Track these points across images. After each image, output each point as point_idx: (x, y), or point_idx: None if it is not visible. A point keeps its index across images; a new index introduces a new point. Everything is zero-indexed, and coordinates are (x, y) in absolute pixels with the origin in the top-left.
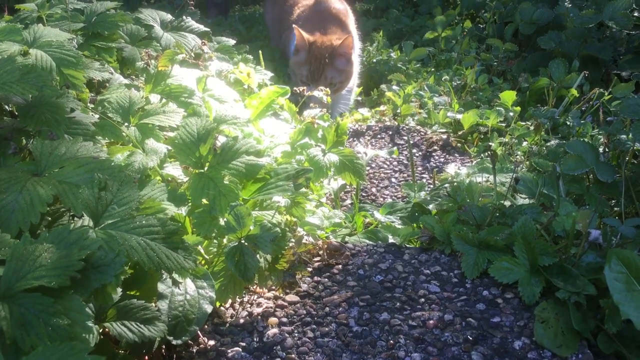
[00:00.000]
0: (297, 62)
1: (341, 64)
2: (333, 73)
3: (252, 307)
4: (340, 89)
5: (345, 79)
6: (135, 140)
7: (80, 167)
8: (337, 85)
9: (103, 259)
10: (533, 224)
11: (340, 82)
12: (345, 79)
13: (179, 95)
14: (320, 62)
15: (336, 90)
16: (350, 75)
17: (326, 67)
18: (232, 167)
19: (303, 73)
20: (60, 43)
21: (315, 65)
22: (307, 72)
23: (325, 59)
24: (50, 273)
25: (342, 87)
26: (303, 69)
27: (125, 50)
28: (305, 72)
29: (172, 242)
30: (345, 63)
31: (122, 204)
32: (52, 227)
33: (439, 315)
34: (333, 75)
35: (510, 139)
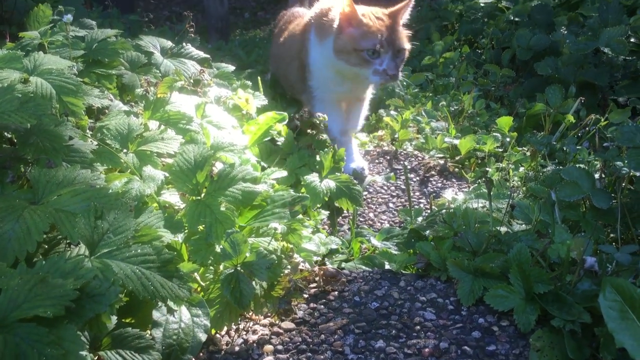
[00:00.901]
0: (353, 36)
1: (404, 31)
2: (403, 39)
3: (248, 334)
4: (404, 61)
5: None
6: (133, 167)
7: (77, 195)
8: (404, 55)
9: (98, 288)
10: (528, 251)
11: (407, 50)
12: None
13: (178, 121)
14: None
15: (402, 62)
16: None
17: (397, 32)
18: (229, 194)
19: (374, 42)
20: (61, 71)
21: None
22: (378, 39)
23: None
24: (46, 303)
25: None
26: (368, 40)
27: (125, 77)
28: (376, 42)
29: (167, 271)
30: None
31: (118, 232)
32: (49, 255)
33: (434, 344)
34: (403, 40)
35: (507, 165)
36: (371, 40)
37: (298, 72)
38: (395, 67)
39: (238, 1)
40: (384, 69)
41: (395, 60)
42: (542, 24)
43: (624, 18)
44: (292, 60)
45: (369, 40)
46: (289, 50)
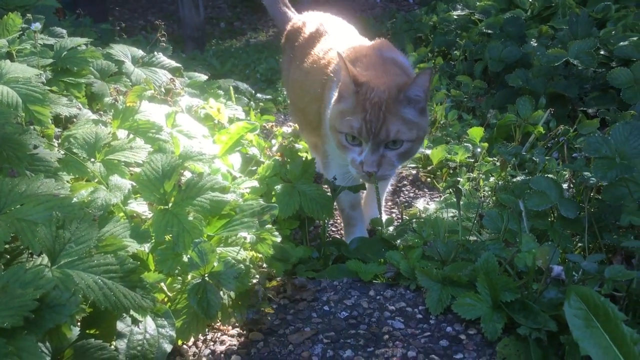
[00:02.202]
0: (341, 111)
1: (412, 113)
2: (400, 126)
3: (215, 345)
4: (407, 155)
5: (417, 138)
6: (100, 177)
7: (39, 205)
8: (403, 147)
9: (58, 298)
10: (495, 260)
11: (410, 141)
12: (417, 138)
13: (147, 131)
14: (379, 109)
15: (402, 156)
16: (423, 133)
17: (388, 116)
18: (197, 204)
19: (352, 125)
20: (27, 79)
21: (373, 112)
22: (358, 122)
23: (388, 104)
24: (3, 313)
25: (411, 154)
26: (352, 120)
27: (95, 86)
28: (355, 124)
29: (130, 281)
30: (417, 114)
31: (80, 242)
32: (11, 265)
33: (402, 352)
34: (400, 129)
35: (477, 175)
36: (349, 121)
37: (315, 119)
38: (374, 163)
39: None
40: (361, 161)
41: (380, 153)
42: (514, 37)
43: (594, 31)
44: (312, 100)
45: (346, 121)
46: (311, 85)
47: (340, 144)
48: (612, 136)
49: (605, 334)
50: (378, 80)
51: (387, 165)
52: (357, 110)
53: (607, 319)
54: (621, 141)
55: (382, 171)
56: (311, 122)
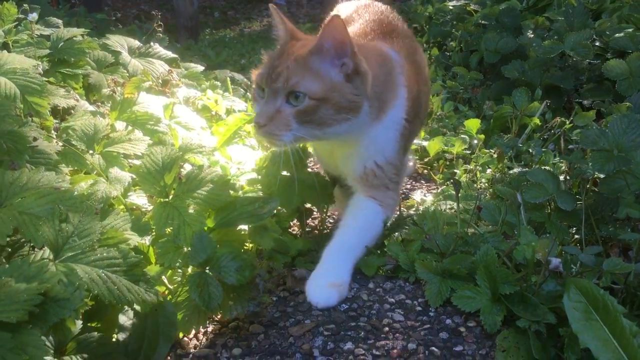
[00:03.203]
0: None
1: (324, 67)
2: (303, 76)
3: (216, 337)
4: (310, 119)
5: (326, 99)
6: (100, 169)
7: (41, 198)
8: (304, 104)
9: (63, 292)
10: (495, 253)
11: (315, 100)
12: (328, 100)
13: (145, 122)
14: (292, 59)
15: (302, 116)
16: (345, 101)
17: (294, 65)
18: (197, 196)
19: (260, 73)
20: (25, 70)
21: (283, 61)
22: (265, 69)
23: (301, 55)
24: (9, 308)
25: (318, 121)
26: (262, 68)
27: (92, 77)
28: (263, 71)
29: (134, 275)
30: (331, 68)
31: (83, 235)
32: (12, 258)
33: (402, 345)
34: (302, 79)
35: (474, 167)
36: (260, 70)
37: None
38: (265, 114)
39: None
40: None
41: (277, 106)
42: (509, 28)
43: (589, 22)
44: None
45: (259, 72)
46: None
47: (252, 98)
48: (609, 129)
49: (604, 326)
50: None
51: (280, 123)
52: (271, 59)
53: (607, 311)
54: (619, 134)
55: (272, 128)
56: None
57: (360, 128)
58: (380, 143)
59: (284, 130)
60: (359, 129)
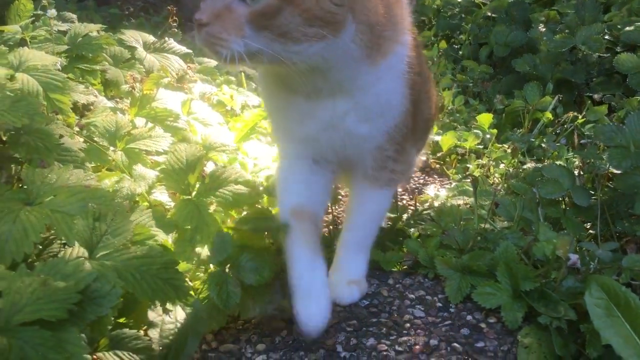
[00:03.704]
0: None
1: None
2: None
3: (239, 333)
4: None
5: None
6: (122, 166)
7: (72, 196)
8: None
9: (99, 290)
10: (514, 249)
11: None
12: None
13: (165, 118)
14: None
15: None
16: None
17: None
18: (220, 195)
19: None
20: (46, 67)
21: None
22: None
23: None
24: (48, 306)
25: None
26: None
27: (109, 72)
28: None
29: (167, 272)
30: None
31: (116, 234)
32: (42, 255)
33: (424, 341)
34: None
35: (487, 162)
36: None
37: None
38: (208, 10)
39: None
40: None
41: (225, 2)
42: (519, 21)
43: (600, 16)
44: None
45: None
46: None
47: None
48: (626, 125)
49: (626, 323)
50: None
51: (228, 25)
52: None
53: (628, 308)
54: (636, 130)
55: (217, 29)
56: None
57: (346, 64)
58: (382, 96)
59: (233, 35)
60: (343, 64)
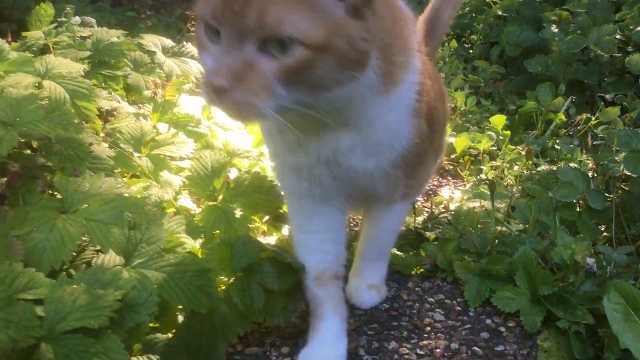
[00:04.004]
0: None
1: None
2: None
3: (263, 336)
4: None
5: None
6: (149, 172)
7: (106, 204)
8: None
9: (137, 298)
10: (533, 254)
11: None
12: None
13: (186, 124)
14: None
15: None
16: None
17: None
18: (245, 202)
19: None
20: (73, 75)
21: None
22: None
23: None
24: (90, 314)
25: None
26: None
27: (130, 77)
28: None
29: (199, 280)
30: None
31: (151, 242)
32: (75, 262)
33: (445, 344)
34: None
35: (501, 163)
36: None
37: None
38: (226, 70)
39: None
40: (208, 68)
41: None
42: (530, 20)
43: (612, 16)
44: None
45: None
46: None
47: (198, 43)
48: None
49: None
50: None
51: (254, 85)
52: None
53: None
54: None
55: (245, 94)
56: None
57: (363, 97)
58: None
59: (264, 98)
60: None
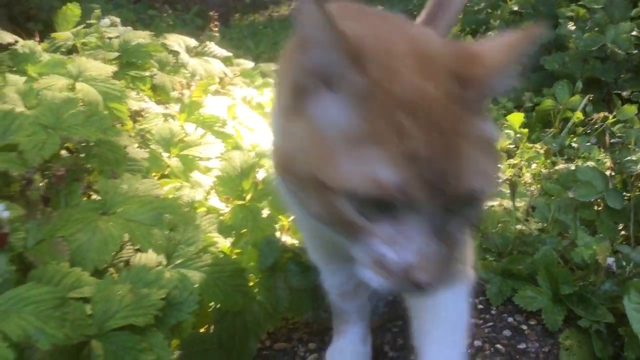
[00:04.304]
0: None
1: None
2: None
3: (291, 332)
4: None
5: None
6: (179, 172)
7: (144, 206)
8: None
9: (178, 297)
10: (554, 254)
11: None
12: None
13: (213, 124)
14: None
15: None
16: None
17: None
18: (272, 201)
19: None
20: (104, 76)
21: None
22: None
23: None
24: (136, 312)
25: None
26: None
27: (156, 78)
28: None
29: (234, 279)
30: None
31: (189, 243)
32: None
33: (469, 341)
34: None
35: (519, 162)
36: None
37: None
38: (441, 259)
39: None
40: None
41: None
42: (546, 16)
43: (629, 12)
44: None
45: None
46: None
47: (334, 218)
48: None
49: None
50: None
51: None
52: (379, 133)
53: None
54: None
55: (446, 274)
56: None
57: None
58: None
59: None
60: None
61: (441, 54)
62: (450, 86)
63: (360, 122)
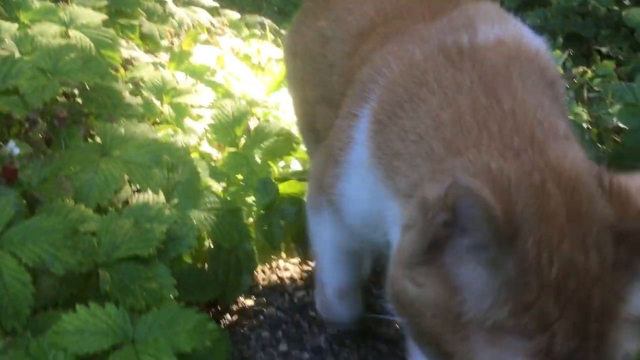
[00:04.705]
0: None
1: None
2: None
3: (281, 271)
4: None
5: None
6: (172, 119)
7: (142, 148)
8: None
9: (178, 232)
10: None
11: None
12: None
13: (203, 73)
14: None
15: None
16: None
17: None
18: (264, 147)
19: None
20: (96, 24)
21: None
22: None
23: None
24: (141, 244)
25: None
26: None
27: (144, 27)
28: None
29: (232, 218)
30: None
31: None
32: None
33: None
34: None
35: None
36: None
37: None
38: None
39: None
40: None
41: None
42: None
43: None
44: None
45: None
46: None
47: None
48: (636, 83)
49: None
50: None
51: None
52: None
53: None
54: None
55: None
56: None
57: None
58: None
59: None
60: None
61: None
62: (605, 248)
63: (509, 309)
